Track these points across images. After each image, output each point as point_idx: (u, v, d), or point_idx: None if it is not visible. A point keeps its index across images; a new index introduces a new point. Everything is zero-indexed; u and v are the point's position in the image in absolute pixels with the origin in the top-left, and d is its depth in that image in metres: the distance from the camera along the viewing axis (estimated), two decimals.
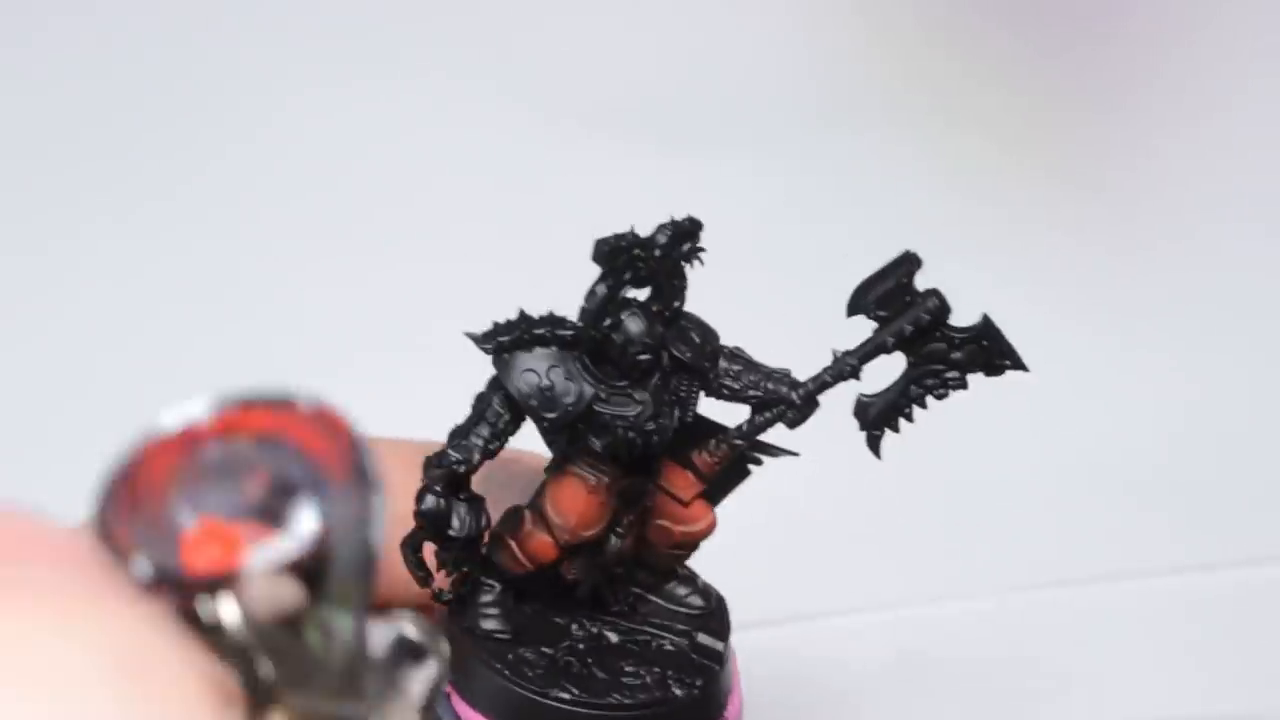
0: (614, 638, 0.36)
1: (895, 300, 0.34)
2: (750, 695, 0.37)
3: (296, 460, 0.16)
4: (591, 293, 0.33)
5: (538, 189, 0.58)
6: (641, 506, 0.35)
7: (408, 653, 0.18)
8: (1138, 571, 0.59)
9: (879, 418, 0.34)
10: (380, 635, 0.18)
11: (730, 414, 0.36)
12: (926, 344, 0.34)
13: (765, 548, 0.38)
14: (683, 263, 0.34)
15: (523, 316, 0.34)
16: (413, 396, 0.42)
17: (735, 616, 0.37)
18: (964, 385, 0.34)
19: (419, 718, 0.17)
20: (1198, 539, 0.59)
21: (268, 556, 0.15)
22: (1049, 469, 0.57)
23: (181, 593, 0.16)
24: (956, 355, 0.34)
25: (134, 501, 0.16)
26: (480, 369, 0.34)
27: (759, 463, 0.36)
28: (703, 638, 0.36)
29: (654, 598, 0.37)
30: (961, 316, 0.34)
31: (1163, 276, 0.62)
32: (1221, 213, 0.62)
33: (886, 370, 0.35)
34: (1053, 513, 0.56)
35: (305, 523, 0.16)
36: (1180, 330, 0.61)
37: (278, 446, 0.17)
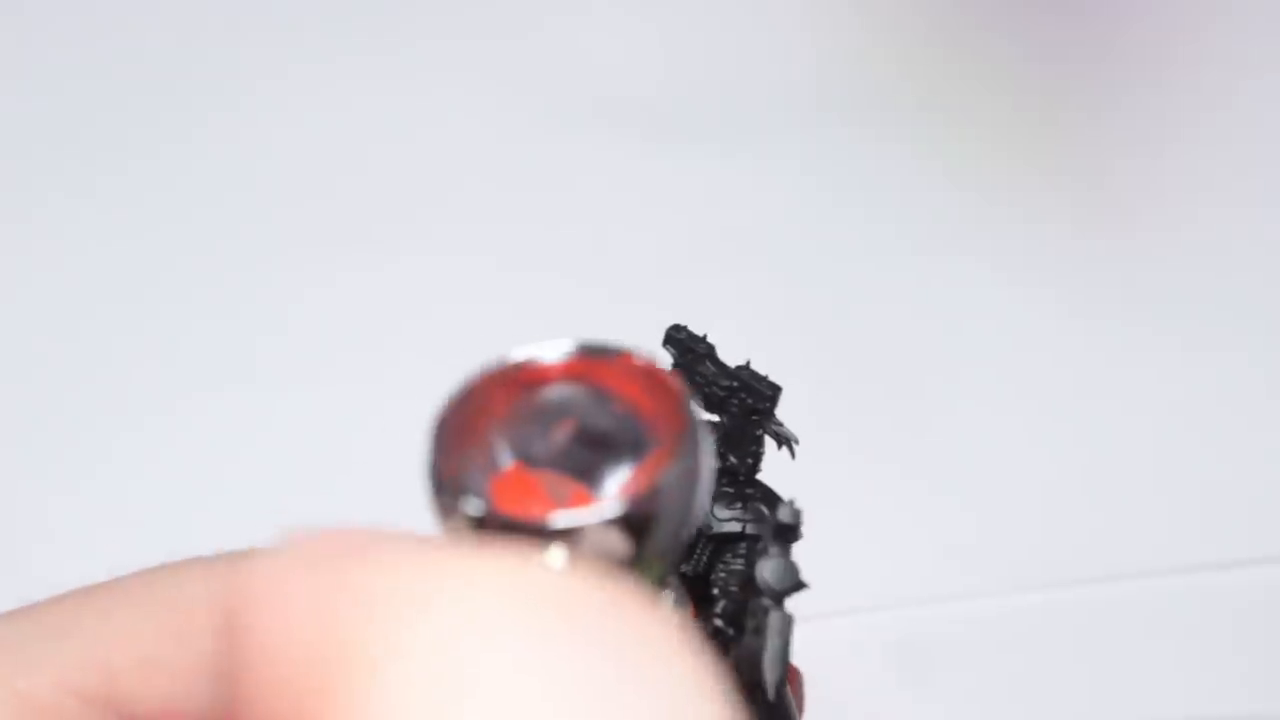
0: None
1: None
2: None
3: (625, 416, 0.16)
4: None
5: (538, 186, 0.58)
6: None
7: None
8: (1138, 571, 0.59)
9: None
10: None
11: None
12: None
13: None
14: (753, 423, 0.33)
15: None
16: (411, 395, 0.41)
17: None
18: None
19: None
20: (1198, 539, 0.59)
21: (592, 512, 0.15)
22: (1049, 468, 0.57)
23: (507, 538, 0.15)
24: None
25: (463, 435, 0.16)
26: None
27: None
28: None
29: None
30: (961, 312, 0.34)
31: (1163, 274, 0.62)
32: (1222, 211, 0.62)
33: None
34: (1053, 513, 0.56)
35: (630, 482, 0.16)
36: (1180, 329, 0.61)
37: (609, 399, 0.16)
